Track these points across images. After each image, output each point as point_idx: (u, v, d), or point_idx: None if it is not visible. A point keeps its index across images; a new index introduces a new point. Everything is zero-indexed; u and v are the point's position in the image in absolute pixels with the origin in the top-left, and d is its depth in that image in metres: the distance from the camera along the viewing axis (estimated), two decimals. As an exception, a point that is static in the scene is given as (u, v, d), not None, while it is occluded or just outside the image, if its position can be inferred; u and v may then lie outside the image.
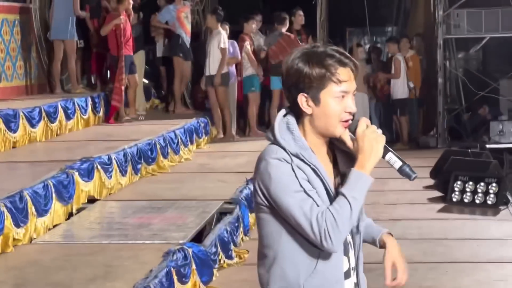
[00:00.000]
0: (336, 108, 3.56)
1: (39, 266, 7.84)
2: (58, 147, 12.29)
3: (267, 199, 3.54)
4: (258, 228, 3.69)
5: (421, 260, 9.46)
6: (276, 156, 3.52)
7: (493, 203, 12.42)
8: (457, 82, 20.98)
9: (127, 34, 15.29)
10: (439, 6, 19.25)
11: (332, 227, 3.42)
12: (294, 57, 3.58)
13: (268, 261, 3.62)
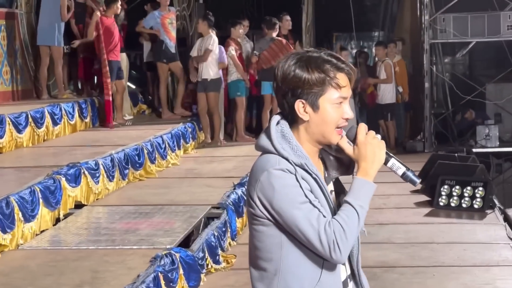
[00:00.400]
0: (335, 115, 3.52)
1: (25, 272, 7.84)
2: (45, 153, 12.28)
3: (268, 211, 3.46)
4: (254, 240, 3.58)
5: (407, 264, 9.51)
6: (279, 167, 3.45)
7: (479, 207, 12.45)
8: (444, 86, 21.05)
9: (115, 39, 15.29)
10: (426, 11, 19.31)
11: (341, 238, 3.38)
12: (290, 63, 3.50)
13: (269, 275, 3.54)
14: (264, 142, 3.55)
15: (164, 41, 16.69)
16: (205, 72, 15.80)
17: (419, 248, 10.31)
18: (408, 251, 10.07)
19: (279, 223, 3.46)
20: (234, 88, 16.53)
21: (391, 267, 9.20)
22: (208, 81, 15.83)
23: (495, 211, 12.50)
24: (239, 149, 15.42)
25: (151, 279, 7.36)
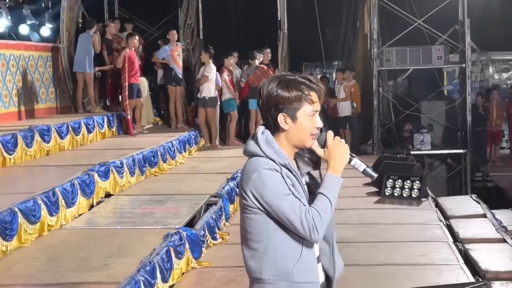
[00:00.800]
0: (309, 124, 3.53)
1: (67, 246, 7.84)
2: (81, 154, 12.27)
3: (259, 202, 3.46)
4: (246, 226, 3.56)
5: (361, 240, 9.52)
6: (268, 167, 3.45)
7: (416, 196, 12.49)
8: (388, 103, 21.10)
9: (135, 67, 15.29)
10: (374, 45, 19.37)
11: (318, 222, 3.40)
12: (272, 85, 3.52)
13: (259, 254, 3.52)
14: (253, 147, 3.55)
15: (173, 68, 16.72)
16: (205, 91, 15.81)
17: (370, 228, 10.35)
18: (361, 230, 10.10)
19: (268, 212, 3.46)
20: (227, 105, 16.54)
21: (348, 243, 9.21)
22: (206, 99, 15.83)
23: (429, 199, 12.54)
24: (231, 152, 15.41)
25: (164, 252, 7.36)
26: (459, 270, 8.14)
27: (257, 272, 3.55)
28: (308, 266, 3.56)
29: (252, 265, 3.57)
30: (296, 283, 3.52)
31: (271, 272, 3.51)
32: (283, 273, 3.51)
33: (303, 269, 3.53)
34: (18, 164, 10.97)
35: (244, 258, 3.62)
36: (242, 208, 3.58)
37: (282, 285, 3.52)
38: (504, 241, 9.71)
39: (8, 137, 10.93)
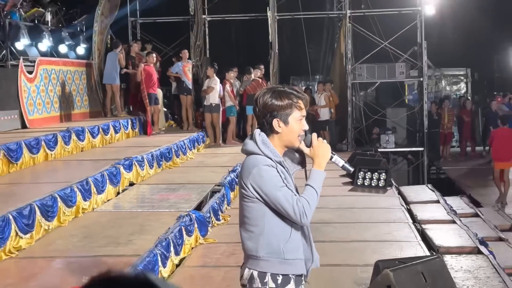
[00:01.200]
0: (298, 127, 3.54)
1: (98, 225, 7.85)
2: (109, 151, 12.26)
3: (258, 193, 3.45)
4: (244, 213, 3.56)
5: (338, 221, 9.53)
6: (266, 163, 3.45)
7: (383, 185, 12.50)
8: (360, 110, 21.07)
9: (153, 79, 15.28)
10: (349, 62, 19.38)
11: (307, 208, 3.42)
12: (267, 96, 3.52)
13: (255, 235, 3.52)
14: (252, 147, 3.54)
15: (184, 81, 16.72)
16: (211, 99, 15.83)
17: (345, 211, 10.36)
18: (338, 213, 10.11)
19: (265, 201, 3.47)
20: (228, 111, 16.54)
21: (327, 223, 9.23)
22: (213, 105, 15.84)
23: (392, 188, 12.56)
24: (231, 149, 15.39)
25: (177, 230, 7.37)
26: (417, 246, 8.16)
27: (253, 251, 3.54)
28: (296, 245, 3.57)
29: (249, 245, 3.56)
30: (286, 259, 3.53)
31: (265, 250, 3.51)
32: (275, 251, 3.52)
33: (292, 248, 3.54)
34: (58, 159, 10.97)
35: (241, 239, 3.62)
36: (242, 197, 3.57)
37: (274, 262, 3.52)
38: (454, 222, 9.74)
39: (50, 136, 10.94)
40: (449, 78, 26.08)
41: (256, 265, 3.54)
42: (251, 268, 3.56)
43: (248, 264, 3.58)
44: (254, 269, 3.55)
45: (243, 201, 3.57)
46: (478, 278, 6.89)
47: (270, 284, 3.51)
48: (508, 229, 11.00)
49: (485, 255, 7.78)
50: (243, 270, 3.61)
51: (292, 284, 3.55)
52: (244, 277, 3.58)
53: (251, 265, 3.56)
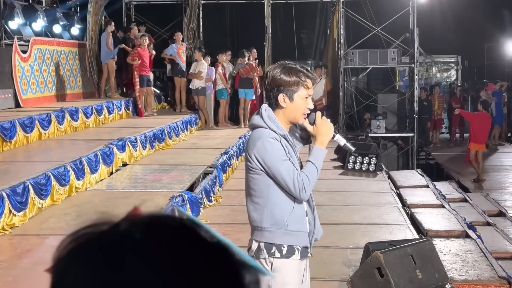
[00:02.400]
0: (303, 105, 3.59)
1: (91, 204, 7.83)
2: (103, 131, 12.23)
3: (261, 165, 3.52)
4: (250, 185, 3.63)
5: (328, 204, 9.55)
6: (270, 136, 3.52)
7: (373, 169, 12.53)
8: (351, 95, 21.05)
9: (146, 61, 15.19)
10: (341, 48, 19.33)
11: (307, 184, 3.50)
12: (277, 71, 3.57)
13: (260, 206, 3.59)
14: (258, 121, 3.61)
15: (179, 63, 16.61)
16: (197, 83, 15.71)
17: (336, 194, 10.38)
18: (329, 196, 10.13)
19: (267, 173, 3.54)
20: (219, 94, 16.48)
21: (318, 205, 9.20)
22: (199, 89, 15.73)
23: (383, 172, 12.60)
24: (223, 131, 15.40)
25: (169, 211, 7.35)
26: (406, 229, 8.19)
27: (258, 222, 3.61)
28: (299, 217, 3.64)
29: (254, 216, 3.63)
30: (289, 231, 3.59)
31: (269, 222, 3.58)
32: (279, 223, 3.58)
33: (295, 220, 3.61)
34: (51, 138, 10.93)
35: (248, 211, 3.69)
36: (247, 169, 3.63)
37: (278, 233, 3.59)
38: (443, 207, 9.78)
39: (43, 116, 10.89)
40: (439, 65, 26.10)
41: (261, 236, 3.61)
42: (258, 240, 3.63)
43: (254, 236, 3.65)
44: (260, 240, 3.61)
45: (248, 173, 3.63)
46: (466, 262, 6.92)
47: (276, 255, 3.59)
48: (495, 214, 11.05)
49: (473, 239, 7.82)
50: (251, 243, 3.68)
51: (297, 255, 3.62)
52: (252, 249, 3.64)
53: (257, 236, 3.63)
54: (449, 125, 22.12)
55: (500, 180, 15.10)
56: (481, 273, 6.51)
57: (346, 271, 6.37)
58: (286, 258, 3.58)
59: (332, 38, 20.62)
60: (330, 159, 13.29)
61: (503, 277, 6.31)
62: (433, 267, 5.87)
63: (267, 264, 3.57)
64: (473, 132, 15.06)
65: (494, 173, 15.71)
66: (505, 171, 16.29)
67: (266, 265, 3.57)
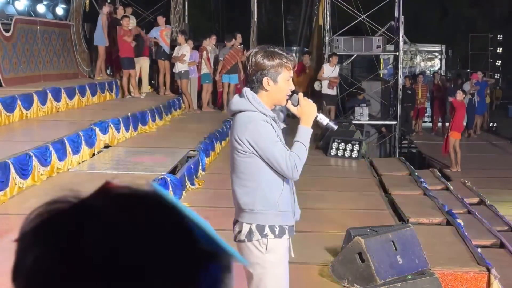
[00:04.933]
0: (286, 87, 3.65)
1: (73, 185, 7.55)
2: (86, 113, 12.16)
3: (254, 148, 3.56)
4: (240, 168, 3.65)
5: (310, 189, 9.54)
6: (262, 119, 3.57)
7: (356, 156, 12.58)
8: (335, 82, 21.05)
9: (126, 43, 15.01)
10: (326, 34, 19.32)
11: (298, 163, 3.58)
12: (259, 56, 3.62)
13: (252, 190, 3.64)
14: (244, 104, 3.64)
15: (162, 46, 16.50)
16: (180, 67, 15.62)
17: (317, 179, 10.38)
18: (311, 181, 10.06)
19: (259, 155, 3.57)
20: (204, 78, 16.39)
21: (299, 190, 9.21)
22: (182, 72, 15.66)
23: (365, 158, 12.64)
24: (206, 115, 15.36)
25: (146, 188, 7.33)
26: (388, 216, 8.23)
27: (249, 204, 3.64)
28: (287, 197, 3.72)
29: (245, 199, 3.65)
30: (280, 211, 3.66)
31: (262, 203, 3.63)
32: (271, 204, 3.63)
33: (284, 200, 3.69)
34: (33, 118, 10.84)
35: (236, 195, 3.70)
36: (236, 153, 3.64)
37: (270, 214, 3.64)
38: (424, 194, 9.82)
39: (25, 95, 10.79)
40: (424, 54, 26.20)
41: (254, 219, 3.64)
42: (249, 223, 3.65)
43: (245, 219, 3.67)
44: (252, 223, 3.65)
45: (237, 157, 3.64)
46: (447, 249, 6.97)
47: (270, 235, 3.64)
48: (476, 203, 11.13)
49: (453, 227, 7.87)
50: (240, 226, 3.69)
51: (287, 234, 3.71)
52: (242, 233, 3.66)
53: (249, 219, 3.66)
54: (431, 114, 22.22)
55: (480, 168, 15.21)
56: (461, 261, 6.56)
57: (327, 256, 6.39)
58: (279, 238, 3.65)
59: (318, 24, 20.58)
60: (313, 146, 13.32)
61: (482, 265, 6.35)
62: (414, 253, 5.90)
63: (261, 245, 3.63)
64: (456, 121, 15.08)
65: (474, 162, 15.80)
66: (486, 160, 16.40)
67: (260, 246, 3.62)
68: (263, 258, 3.64)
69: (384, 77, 22.63)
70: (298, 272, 5.96)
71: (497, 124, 22.19)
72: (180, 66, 15.61)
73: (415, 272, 5.79)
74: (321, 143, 13.55)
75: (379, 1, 19.29)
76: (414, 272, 5.78)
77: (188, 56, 15.65)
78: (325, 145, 13.19)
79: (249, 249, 3.65)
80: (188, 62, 15.72)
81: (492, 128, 22.08)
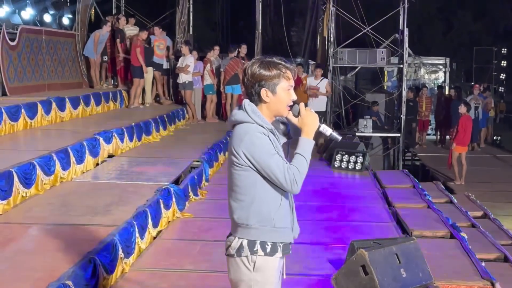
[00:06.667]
0: (286, 97, 3.51)
1: (76, 195, 7.76)
2: (90, 122, 12.13)
3: (250, 161, 3.41)
4: (235, 182, 3.51)
5: (314, 202, 9.53)
6: (258, 131, 3.42)
7: (359, 168, 12.55)
8: (339, 94, 21.07)
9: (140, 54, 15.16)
10: (331, 46, 19.33)
11: (298, 176, 3.40)
12: (255, 66, 3.50)
13: (246, 204, 3.48)
14: (242, 116, 3.50)
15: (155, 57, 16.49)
16: (184, 77, 15.64)
17: (321, 192, 10.36)
18: (315, 193, 10.10)
19: (256, 169, 3.42)
20: (207, 89, 16.43)
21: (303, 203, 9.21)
22: (186, 83, 15.68)
23: (368, 170, 12.61)
24: (210, 126, 15.36)
25: (155, 203, 7.34)
26: (391, 228, 8.20)
27: (243, 219, 3.49)
28: (284, 213, 3.56)
29: (239, 214, 3.51)
30: (276, 227, 3.50)
31: (256, 219, 3.48)
32: (265, 219, 3.48)
33: (281, 216, 3.53)
34: (37, 128, 10.85)
35: (231, 209, 3.57)
36: (232, 166, 3.51)
37: (265, 230, 3.49)
38: (428, 207, 9.79)
39: (30, 104, 10.80)
40: (428, 67, 26.22)
41: (247, 233, 3.50)
42: (241, 237, 3.51)
43: (238, 234, 3.53)
44: (243, 238, 3.51)
45: (234, 170, 3.51)
46: (450, 262, 6.93)
47: (259, 253, 3.48)
48: (480, 216, 11.08)
49: (457, 240, 7.84)
50: (231, 240, 3.56)
51: (280, 252, 3.53)
52: (232, 247, 3.53)
53: (241, 234, 3.52)
54: (436, 126, 22.21)
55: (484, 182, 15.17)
56: (465, 274, 6.52)
57: (329, 268, 6.37)
58: (269, 256, 3.50)
59: (322, 36, 20.62)
60: (318, 158, 13.31)
61: (486, 279, 6.32)
62: (417, 267, 5.87)
63: (249, 262, 3.49)
64: (461, 134, 15.01)
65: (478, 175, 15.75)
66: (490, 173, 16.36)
67: (248, 263, 3.49)
68: (249, 276, 3.50)
69: (388, 89, 22.64)
70: (300, 284, 5.94)
71: (502, 138, 22.17)
72: (184, 77, 15.63)
73: (419, 286, 5.76)
74: (325, 154, 13.53)
75: (384, 14, 19.32)
76: (417, 286, 5.75)
77: (192, 66, 15.68)
78: (329, 157, 13.17)
79: (237, 265, 3.52)
80: (192, 73, 15.74)
81: (496, 142, 22.05)
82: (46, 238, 5.97)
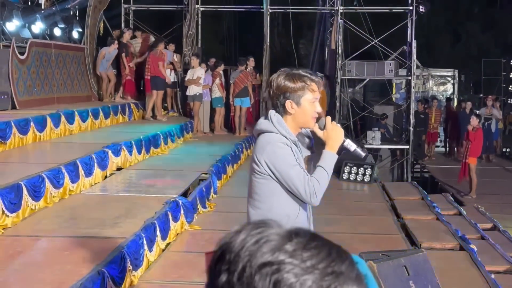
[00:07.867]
0: (311, 109, 3.54)
1: (85, 207, 7.79)
2: (98, 135, 12.15)
3: (271, 170, 3.46)
4: (255, 189, 3.56)
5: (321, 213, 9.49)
6: (281, 141, 3.47)
7: (368, 180, 12.54)
8: (348, 106, 21.06)
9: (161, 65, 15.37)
10: (339, 58, 19.35)
11: (318, 188, 3.43)
12: (281, 78, 3.53)
13: (264, 212, 3.50)
14: (267, 126, 3.55)
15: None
16: (194, 89, 15.71)
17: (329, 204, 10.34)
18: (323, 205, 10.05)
19: (277, 178, 3.47)
20: (216, 101, 16.49)
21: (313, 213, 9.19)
22: (197, 95, 15.75)
23: (377, 182, 12.59)
24: (219, 138, 15.38)
25: (163, 215, 7.34)
26: (400, 240, 8.17)
27: None
28: (301, 224, 3.53)
29: None
30: None
31: None
32: None
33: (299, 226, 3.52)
34: (46, 140, 10.89)
35: (248, 215, 3.61)
36: (253, 174, 3.56)
37: None
38: (437, 219, 9.77)
39: (39, 118, 10.85)
40: (436, 79, 26.18)
41: None
42: None
43: None
44: None
45: (254, 177, 3.56)
46: (460, 274, 6.91)
47: None
48: (489, 228, 11.04)
49: (467, 252, 7.81)
50: None
51: None
52: None
53: None
54: (445, 138, 22.15)
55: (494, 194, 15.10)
56: (475, 286, 6.50)
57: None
58: None
59: (330, 48, 20.64)
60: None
61: (496, 291, 6.29)
62: (426, 279, 5.85)
63: None
64: (474, 146, 14.97)
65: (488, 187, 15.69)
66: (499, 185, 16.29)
67: None
68: None
69: (397, 101, 22.60)
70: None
71: (511, 150, 22.06)
72: (194, 89, 15.69)
73: (428, 298, 5.73)
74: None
75: (392, 26, 19.34)
76: (426, 298, 5.72)
77: (203, 78, 15.74)
78: (337, 169, 13.17)
79: None
80: (202, 85, 15.81)
81: (505, 153, 21.96)
82: (55, 251, 5.98)
